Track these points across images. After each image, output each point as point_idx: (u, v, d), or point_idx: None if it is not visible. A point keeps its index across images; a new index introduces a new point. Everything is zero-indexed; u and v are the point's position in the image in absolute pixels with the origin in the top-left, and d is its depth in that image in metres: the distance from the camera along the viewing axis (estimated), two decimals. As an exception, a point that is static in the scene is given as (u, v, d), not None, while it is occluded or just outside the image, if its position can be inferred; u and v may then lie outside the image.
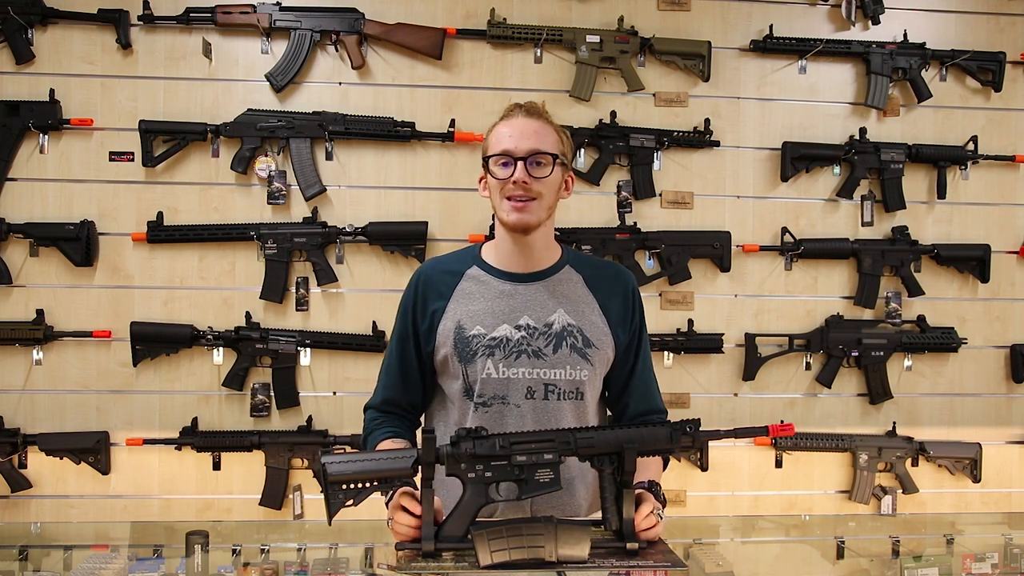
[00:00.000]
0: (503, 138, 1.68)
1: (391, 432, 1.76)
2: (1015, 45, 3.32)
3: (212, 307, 3.04)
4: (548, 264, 1.77)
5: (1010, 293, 3.33)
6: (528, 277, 1.75)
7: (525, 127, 1.67)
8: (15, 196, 2.98)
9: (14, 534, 2.53)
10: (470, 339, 1.71)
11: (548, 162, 1.67)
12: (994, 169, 3.33)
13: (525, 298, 1.73)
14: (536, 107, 1.72)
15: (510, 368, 1.70)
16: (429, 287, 1.77)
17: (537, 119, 1.69)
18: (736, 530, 2.52)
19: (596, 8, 3.17)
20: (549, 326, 1.72)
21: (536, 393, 1.71)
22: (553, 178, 1.69)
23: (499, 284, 1.74)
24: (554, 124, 1.72)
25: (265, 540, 2.18)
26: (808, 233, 3.25)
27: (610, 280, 1.80)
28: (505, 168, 1.67)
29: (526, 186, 1.65)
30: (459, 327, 1.72)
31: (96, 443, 2.96)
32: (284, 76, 3.03)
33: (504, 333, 1.71)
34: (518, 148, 1.66)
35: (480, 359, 1.70)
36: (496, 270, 1.76)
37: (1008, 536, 2.36)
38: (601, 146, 3.14)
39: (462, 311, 1.73)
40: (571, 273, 1.78)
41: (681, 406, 3.17)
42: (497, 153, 1.67)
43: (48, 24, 2.98)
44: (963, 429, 3.31)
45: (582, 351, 1.73)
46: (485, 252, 1.80)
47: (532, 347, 1.71)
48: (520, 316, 1.72)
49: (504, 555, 1.45)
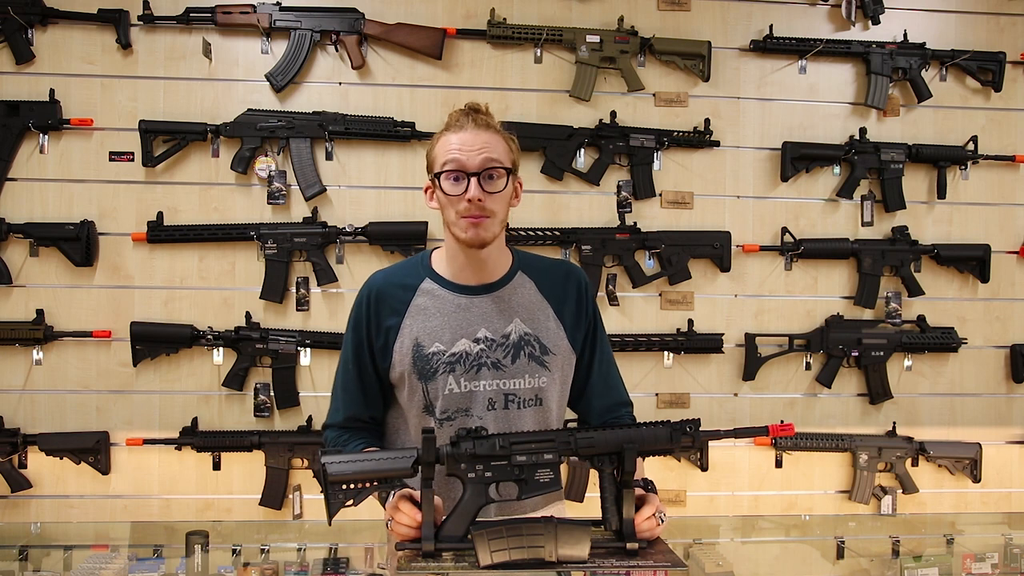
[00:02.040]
0: (452, 150, 1.62)
1: (363, 443, 1.74)
2: (1015, 45, 3.32)
3: (212, 307, 3.04)
4: (501, 273, 1.74)
5: (1010, 293, 3.33)
6: (483, 289, 1.73)
7: (475, 139, 1.62)
8: (15, 196, 2.98)
9: (14, 534, 2.54)
10: (429, 356, 1.69)
11: (502, 175, 1.63)
12: (994, 169, 3.33)
13: (481, 310, 1.71)
14: (483, 115, 1.66)
15: (471, 381, 1.69)
16: (382, 303, 1.72)
17: (486, 130, 1.64)
18: (736, 530, 2.52)
19: (596, 8, 3.17)
20: (507, 337, 1.71)
21: (497, 404, 1.70)
22: (506, 191, 1.65)
23: (454, 298, 1.72)
24: (502, 132, 1.68)
25: (265, 540, 2.18)
26: (808, 233, 3.25)
27: (562, 282, 1.78)
28: (457, 183, 1.62)
29: (480, 204, 1.61)
30: (417, 345, 1.70)
31: (96, 443, 2.96)
32: (284, 76, 3.03)
33: (463, 348, 1.69)
34: (470, 163, 1.61)
35: (441, 376, 1.69)
36: (450, 283, 1.73)
37: (1008, 536, 2.37)
38: (601, 146, 3.14)
39: (419, 328, 1.70)
40: (524, 279, 1.76)
41: (681, 406, 3.17)
42: (449, 168, 1.62)
43: (48, 24, 2.98)
44: (963, 429, 3.31)
45: (540, 359, 1.73)
46: (436, 262, 1.76)
47: (491, 359, 1.70)
48: (477, 329, 1.70)
49: (504, 555, 1.45)
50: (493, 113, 1.72)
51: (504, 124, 3.19)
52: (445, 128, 1.67)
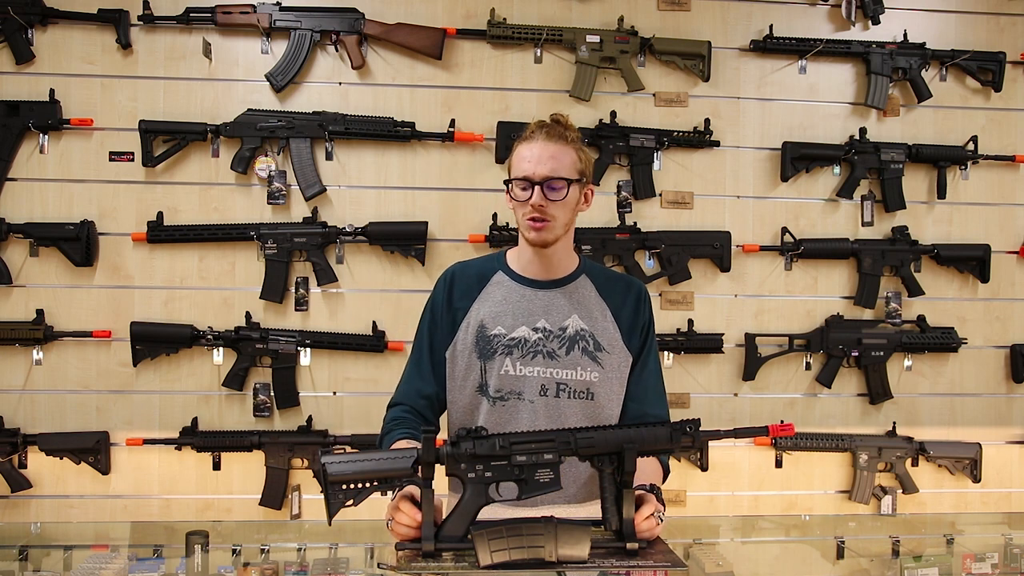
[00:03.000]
0: (523, 162, 1.77)
1: (407, 433, 1.79)
2: (1015, 45, 3.32)
3: (212, 307, 3.04)
4: (566, 273, 1.87)
5: (1010, 293, 3.33)
6: (547, 284, 1.85)
7: (543, 152, 1.75)
8: (15, 196, 2.98)
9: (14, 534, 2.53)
10: (491, 338, 1.82)
11: (563, 185, 1.76)
12: (994, 169, 3.33)
13: (543, 303, 1.84)
14: (556, 127, 1.79)
15: (526, 367, 1.80)
16: (456, 286, 1.88)
17: (556, 142, 1.77)
18: (736, 530, 2.52)
19: (596, 8, 3.17)
20: (563, 330, 1.82)
21: (548, 391, 1.80)
22: (569, 199, 1.77)
23: (520, 289, 1.85)
24: (574, 143, 1.80)
25: (265, 540, 2.18)
26: (808, 233, 3.25)
27: (622, 289, 1.89)
28: (524, 191, 1.76)
29: (542, 209, 1.75)
30: (481, 326, 1.83)
31: (96, 443, 2.96)
32: (284, 76, 3.03)
33: (523, 334, 1.81)
34: (536, 174, 1.74)
35: (499, 357, 1.80)
36: (519, 276, 1.86)
37: (1008, 536, 2.37)
38: (601, 146, 3.14)
39: (485, 312, 1.84)
40: (586, 282, 1.88)
41: (681, 406, 3.17)
42: (518, 178, 1.76)
43: (48, 24, 2.99)
44: (963, 429, 3.31)
45: (592, 354, 1.82)
46: (509, 258, 1.90)
47: (547, 348, 1.81)
48: (538, 319, 1.82)
49: (504, 555, 1.45)
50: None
51: (503, 124, 3.21)
52: (522, 138, 1.81)
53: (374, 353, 3.05)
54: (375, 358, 3.07)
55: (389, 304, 3.08)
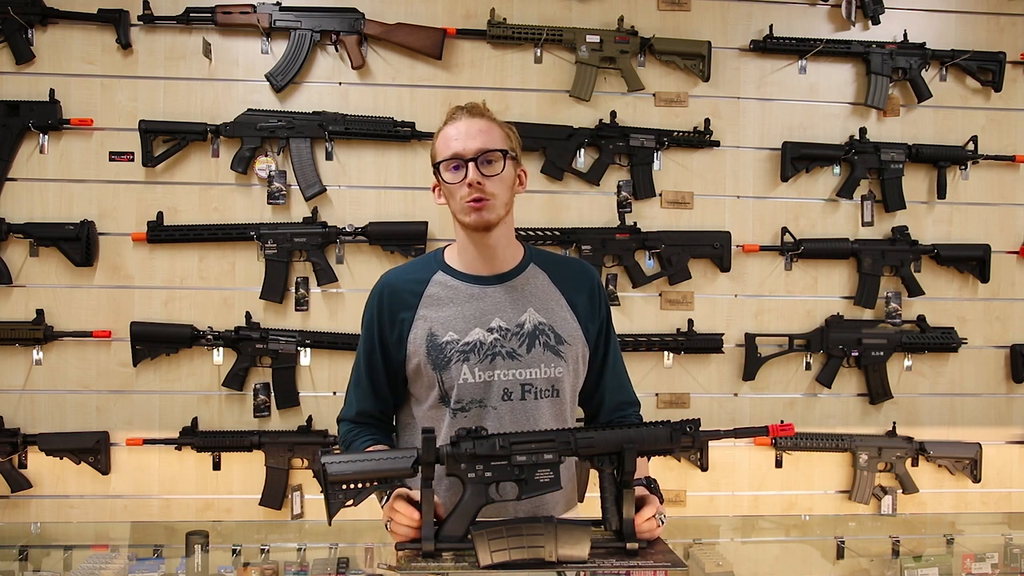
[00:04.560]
0: (450, 141, 1.67)
1: (371, 439, 1.75)
2: (1015, 45, 3.32)
3: (212, 307, 3.04)
4: (513, 264, 1.76)
5: (1010, 293, 3.33)
6: (495, 279, 1.75)
7: (470, 127, 1.66)
8: (15, 196, 2.98)
9: (14, 534, 2.53)
10: (443, 346, 1.70)
11: (498, 159, 1.66)
12: (994, 169, 3.33)
13: (494, 300, 1.73)
14: (478, 106, 1.71)
15: (486, 371, 1.70)
16: (395, 297, 1.75)
17: (480, 118, 1.68)
18: (736, 530, 2.52)
19: (596, 8, 3.17)
20: (521, 326, 1.72)
21: (513, 394, 1.71)
22: (506, 174, 1.68)
23: (467, 288, 1.73)
24: (498, 121, 1.71)
25: (265, 540, 2.18)
26: (808, 233, 3.25)
27: (575, 276, 1.80)
28: (456, 171, 1.66)
29: (480, 186, 1.64)
30: (431, 335, 1.71)
31: (96, 443, 2.96)
32: (284, 76, 3.03)
33: (477, 337, 1.70)
34: (466, 149, 1.65)
35: (455, 365, 1.70)
36: (462, 274, 1.75)
37: (1008, 536, 2.37)
38: (601, 146, 3.14)
39: (432, 318, 1.72)
40: (536, 271, 1.78)
41: (681, 406, 3.17)
42: (447, 158, 1.67)
43: (48, 24, 2.98)
44: (963, 429, 3.31)
45: (555, 348, 1.73)
46: (448, 257, 1.78)
47: (506, 348, 1.71)
48: (491, 318, 1.72)
49: (504, 555, 1.45)
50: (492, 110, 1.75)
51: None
52: (443, 124, 1.71)
53: (374, 353, 3.05)
54: (375, 358, 3.07)
55: (389, 304, 3.08)
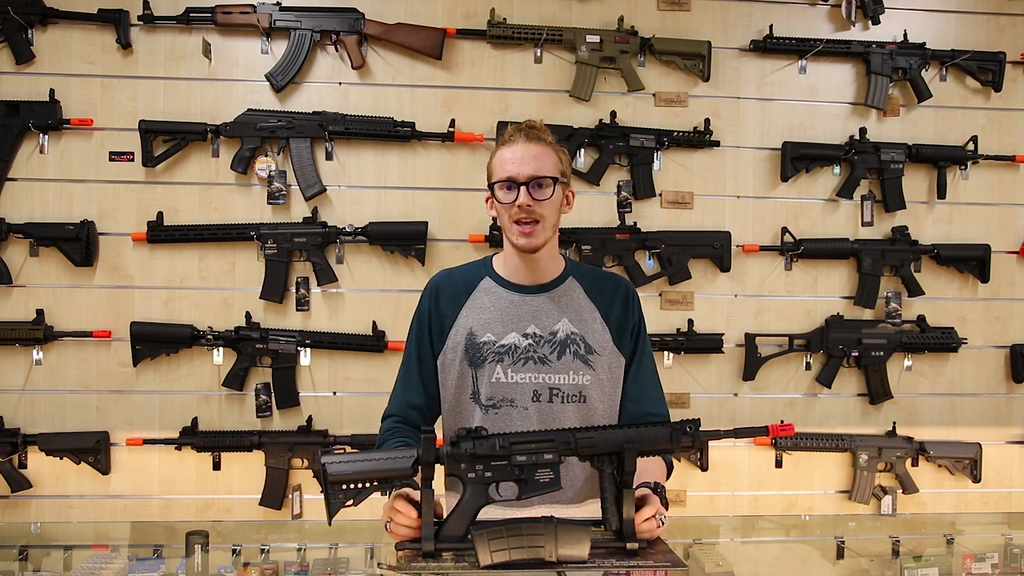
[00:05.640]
0: (505, 164, 1.77)
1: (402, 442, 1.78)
2: (1015, 45, 3.32)
3: (212, 307, 3.04)
4: (553, 276, 1.87)
5: (1010, 293, 3.33)
6: (535, 289, 1.85)
7: (526, 152, 1.76)
8: (15, 196, 2.98)
9: (14, 534, 2.53)
10: (480, 345, 1.81)
11: (549, 184, 1.77)
12: (994, 169, 3.33)
13: (532, 308, 1.84)
14: (535, 130, 1.80)
15: (517, 373, 1.80)
16: (443, 294, 1.88)
17: (536, 143, 1.78)
18: (736, 530, 2.52)
19: (596, 8, 3.17)
20: (554, 334, 1.82)
21: (541, 396, 1.80)
22: (555, 199, 1.78)
23: (508, 295, 1.85)
24: (552, 144, 1.81)
25: (265, 540, 2.18)
26: (808, 233, 3.25)
27: (610, 289, 1.89)
28: (509, 192, 1.76)
29: (529, 209, 1.75)
30: (470, 334, 1.83)
31: (96, 443, 2.96)
32: (284, 76, 3.03)
33: (512, 341, 1.81)
34: (520, 174, 1.75)
35: (489, 364, 1.80)
36: (506, 282, 1.86)
37: (1008, 536, 2.37)
38: (601, 146, 3.14)
39: (474, 319, 1.84)
40: (574, 284, 1.88)
41: (681, 406, 3.17)
42: (501, 179, 1.77)
43: (48, 24, 2.98)
44: (963, 429, 3.31)
45: (584, 357, 1.82)
46: (496, 263, 1.90)
47: (538, 354, 1.81)
48: (527, 325, 1.82)
49: (504, 555, 1.45)
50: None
51: (504, 124, 3.21)
52: (501, 143, 1.82)
53: (374, 353, 3.05)
54: (375, 358, 3.07)
55: (389, 304, 3.08)
